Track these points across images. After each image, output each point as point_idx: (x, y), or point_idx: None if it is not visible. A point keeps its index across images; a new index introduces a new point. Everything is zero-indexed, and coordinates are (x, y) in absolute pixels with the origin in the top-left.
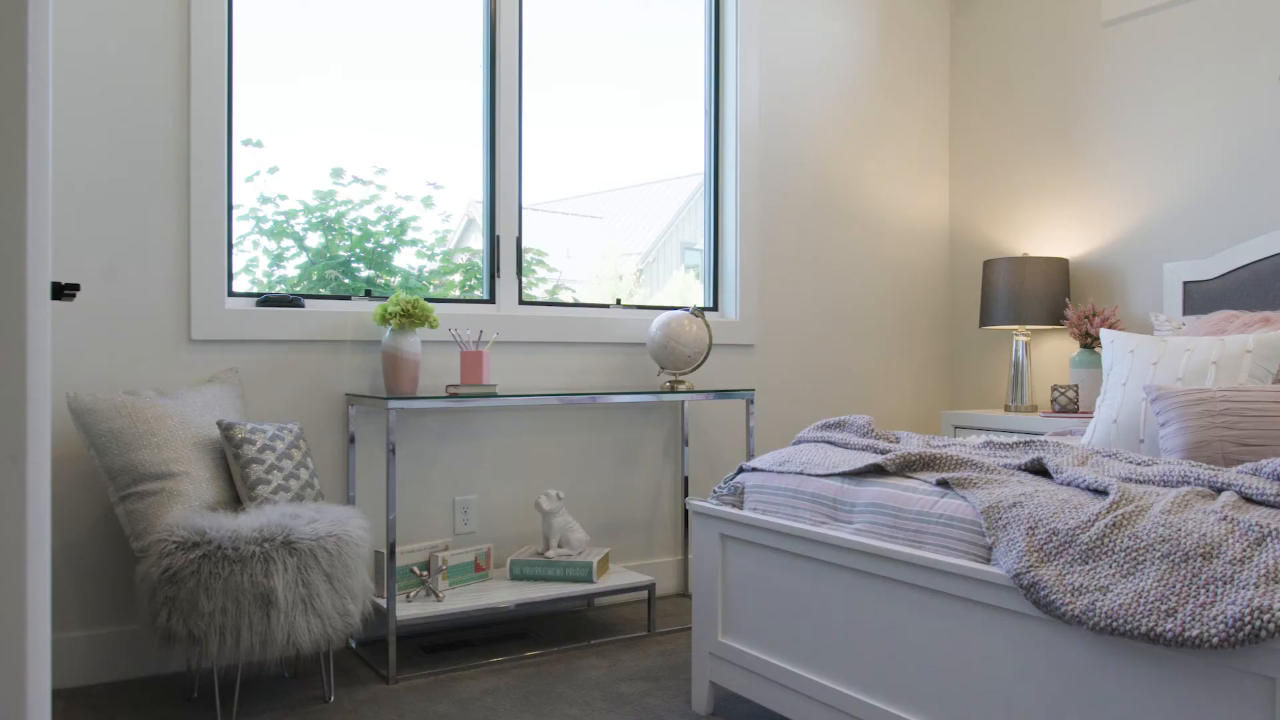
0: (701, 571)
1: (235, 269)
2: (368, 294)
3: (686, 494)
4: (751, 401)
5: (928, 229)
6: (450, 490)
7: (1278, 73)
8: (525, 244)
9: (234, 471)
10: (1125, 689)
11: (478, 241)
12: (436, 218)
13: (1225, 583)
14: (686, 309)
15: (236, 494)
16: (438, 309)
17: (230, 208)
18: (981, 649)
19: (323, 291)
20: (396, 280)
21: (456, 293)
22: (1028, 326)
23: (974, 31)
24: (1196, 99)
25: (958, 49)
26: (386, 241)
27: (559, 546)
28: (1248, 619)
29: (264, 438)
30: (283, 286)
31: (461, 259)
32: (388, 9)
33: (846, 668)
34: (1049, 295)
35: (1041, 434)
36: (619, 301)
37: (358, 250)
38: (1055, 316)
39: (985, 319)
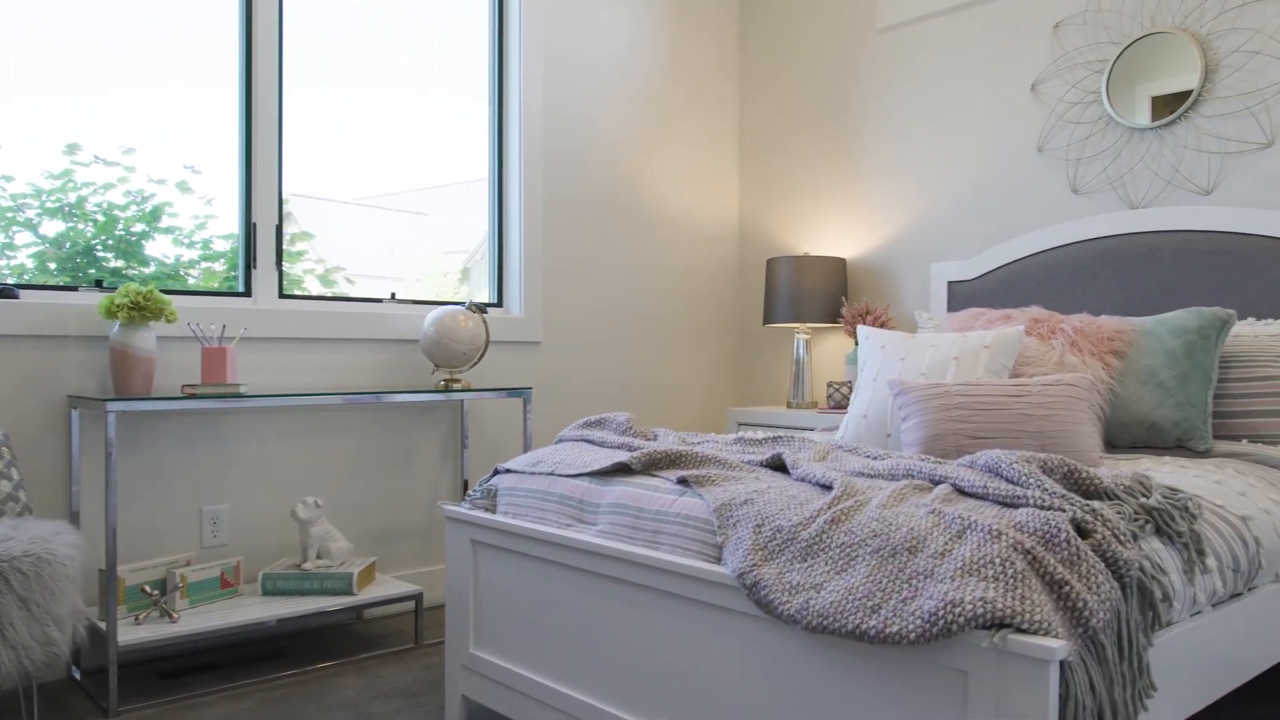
0: (454, 579)
1: None
2: (98, 284)
3: (466, 497)
4: (529, 400)
5: (718, 227)
6: (197, 500)
7: (1030, 83)
8: (325, 237)
9: None
10: (839, 687)
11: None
12: (197, 203)
13: (926, 577)
14: (462, 304)
15: None
16: (185, 302)
17: None
18: (713, 651)
19: (60, 283)
20: (151, 270)
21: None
22: (808, 325)
23: (762, 32)
24: (961, 106)
25: (747, 49)
26: (138, 228)
27: (318, 557)
28: (941, 613)
29: None
30: (11, 279)
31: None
32: None
33: (589, 676)
34: (827, 294)
35: (812, 429)
36: (394, 295)
37: (104, 238)
38: (833, 315)
39: (769, 317)
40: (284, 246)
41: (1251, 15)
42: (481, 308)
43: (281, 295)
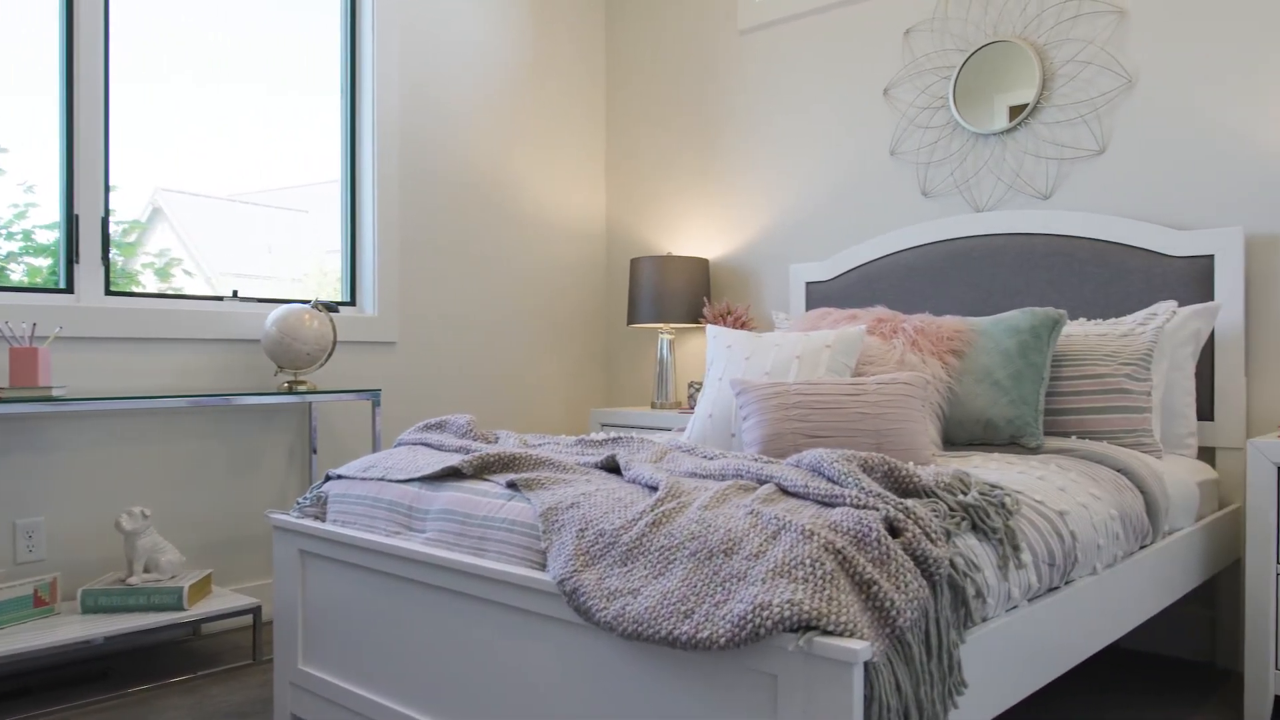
0: (281, 592)
1: None
2: None
3: (295, 505)
4: (378, 402)
5: (584, 226)
6: (9, 513)
7: (883, 87)
8: (195, 233)
9: None
10: (655, 692)
11: (165, 234)
12: (15, 189)
13: (739, 579)
14: (308, 303)
15: None
16: None
17: None
18: (535, 660)
19: None
20: None
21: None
22: (672, 325)
23: (627, 30)
24: (819, 109)
25: (613, 46)
26: None
27: (146, 571)
28: (750, 617)
29: None
30: None
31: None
32: None
33: (415, 689)
34: (690, 294)
35: (669, 429)
36: (235, 294)
37: None
38: (696, 315)
39: (633, 317)
40: (112, 238)
41: (1084, 26)
42: (330, 306)
43: (109, 292)
